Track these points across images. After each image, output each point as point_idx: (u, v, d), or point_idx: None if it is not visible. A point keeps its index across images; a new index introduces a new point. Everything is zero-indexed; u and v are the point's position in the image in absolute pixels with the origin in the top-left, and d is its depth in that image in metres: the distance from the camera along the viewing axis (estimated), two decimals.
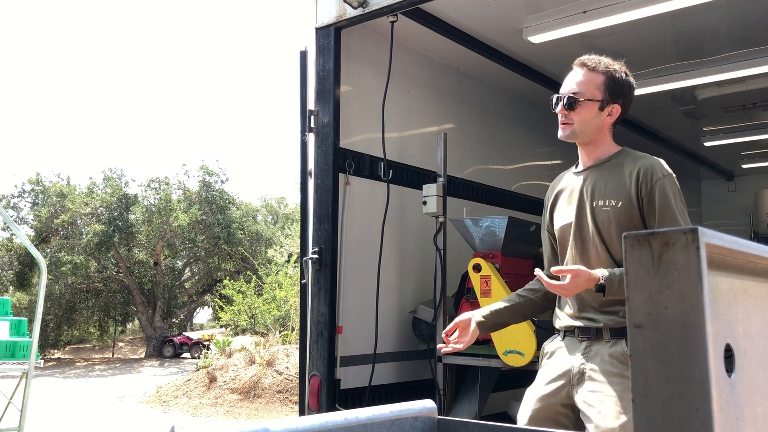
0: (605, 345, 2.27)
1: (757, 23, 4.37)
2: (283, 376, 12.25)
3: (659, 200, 2.26)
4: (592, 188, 2.36)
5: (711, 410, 0.51)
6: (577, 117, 2.36)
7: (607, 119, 2.38)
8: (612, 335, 2.27)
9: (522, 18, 4.26)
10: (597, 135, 2.39)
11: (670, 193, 2.27)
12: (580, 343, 2.33)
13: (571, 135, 2.39)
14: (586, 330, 2.31)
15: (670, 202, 2.26)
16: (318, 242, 3.77)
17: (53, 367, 22.94)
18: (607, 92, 2.36)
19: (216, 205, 25.33)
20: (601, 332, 2.28)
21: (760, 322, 0.73)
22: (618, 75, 2.38)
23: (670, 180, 2.30)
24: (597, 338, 2.29)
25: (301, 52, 4.03)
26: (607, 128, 2.41)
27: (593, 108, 2.34)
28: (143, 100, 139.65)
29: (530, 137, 5.72)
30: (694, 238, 0.53)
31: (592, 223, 2.33)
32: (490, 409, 4.23)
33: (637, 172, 2.30)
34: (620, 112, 2.39)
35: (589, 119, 2.35)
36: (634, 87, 2.43)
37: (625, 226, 2.28)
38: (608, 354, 2.24)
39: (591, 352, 2.29)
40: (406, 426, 1.19)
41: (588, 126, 2.36)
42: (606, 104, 2.35)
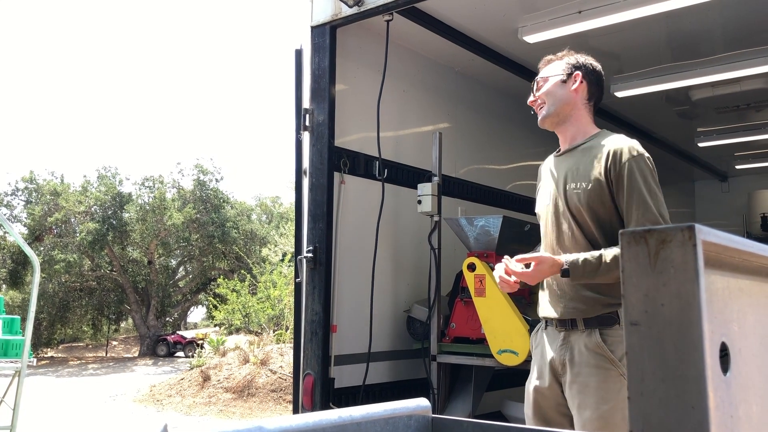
0: (581, 335, 2.30)
1: (751, 24, 4.39)
2: (277, 375, 12.24)
3: (627, 181, 2.27)
4: (566, 171, 2.42)
5: (707, 409, 0.51)
6: (544, 95, 2.47)
7: (573, 89, 2.44)
8: (586, 325, 2.29)
9: (517, 17, 4.27)
10: (569, 109, 2.45)
11: (637, 173, 2.27)
12: (558, 333, 2.37)
13: (546, 113, 2.47)
14: (562, 321, 2.36)
15: (637, 183, 2.26)
16: (313, 241, 3.77)
17: (46, 366, 22.87)
18: (567, 67, 2.47)
19: (210, 204, 25.29)
20: (575, 322, 2.32)
21: (755, 320, 0.73)
22: (573, 56, 2.50)
23: (639, 160, 2.29)
24: (573, 328, 2.32)
25: (297, 51, 4.02)
26: (580, 103, 2.46)
27: (556, 81, 2.45)
28: (138, 98, 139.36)
29: (525, 137, 5.73)
30: (691, 235, 0.53)
31: (565, 206, 2.39)
32: (483, 408, 4.24)
33: (607, 154, 2.32)
34: (586, 84, 2.46)
35: (554, 91, 2.45)
36: (595, 65, 2.51)
37: (596, 208, 2.32)
38: (584, 345, 2.28)
39: (569, 343, 2.33)
40: (400, 425, 1.19)
41: (555, 97, 2.45)
42: (568, 76, 2.45)
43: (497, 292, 3.60)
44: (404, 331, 4.29)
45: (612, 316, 2.27)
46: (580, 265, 2.24)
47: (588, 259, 2.25)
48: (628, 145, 2.32)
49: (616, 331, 2.26)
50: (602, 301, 2.29)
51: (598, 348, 2.24)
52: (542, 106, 2.47)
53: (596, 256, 2.24)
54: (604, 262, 2.22)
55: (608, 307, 2.28)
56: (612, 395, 2.20)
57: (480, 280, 3.67)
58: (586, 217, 2.33)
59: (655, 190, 2.27)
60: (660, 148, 7.16)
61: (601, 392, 2.21)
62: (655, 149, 7.07)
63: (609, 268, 2.22)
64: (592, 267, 2.24)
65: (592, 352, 2.25)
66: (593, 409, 2.21)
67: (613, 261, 2.22)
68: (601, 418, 2.19)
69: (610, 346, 2.24)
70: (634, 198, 2.25)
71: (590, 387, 2.23)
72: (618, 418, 2.18)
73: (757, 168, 8.77)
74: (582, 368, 2.26)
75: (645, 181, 2.26)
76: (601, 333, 2.26)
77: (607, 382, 2.21)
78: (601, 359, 2.23)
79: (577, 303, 2.32)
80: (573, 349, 2.30)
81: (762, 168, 8.72)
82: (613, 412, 2.19)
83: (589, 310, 2.29)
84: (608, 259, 2.22)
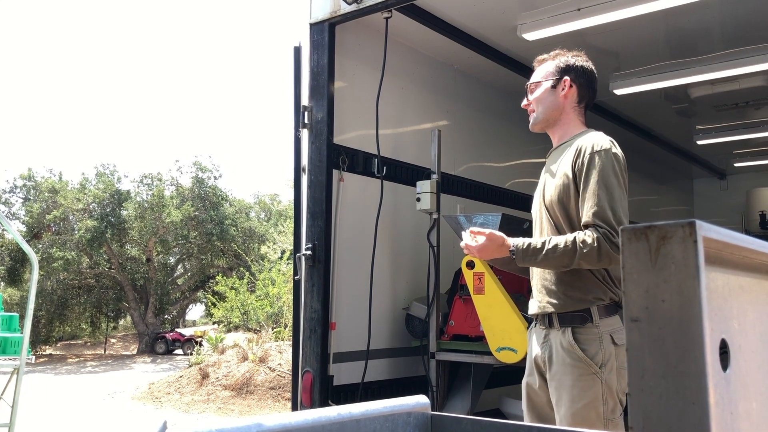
0: (558, 333, 2.33)
1: (750, 22, 4.39)
2: (276, 372, 12.25)
3: (585, 174, 2.30)
4: (548, 170, 2.48)
5: (707, 405, 0.51)
6: (534, 101, 2.50)
7: (562, 95, 2.46)
8: (561, 323, 2.32)
9: (516, 15, 4.27)
10: (557, 114, 2.48)
11: (596, 167, 2.28)
12: (541, 331, 2.41)
13: (535, 120, 2.52)
14: (542, 318, 2.40)
15: (593, 176, 2.28)
16: (311, 238, 3.77)
17: (45, 363, 22.86)
18: (556, 72, 2.48)
19: (209, 202, 25.27)
20: (552, 320, 2.35)
21: (755, 318, 0.73)
22: (565, 56, 2.51)
23: (603, 155, 2.30)
24: (551, 327, 2.36)
25: (295, 48, 4.01)
26: (568, 107, 2.48)
27: (546, 87, 2.48)
28: (136, 95, 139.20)
29: (524, 134, 5.68)
30: (692, 231, 0.53)
31: (543, 202, 2.44)
32: (482, 406, 4.24)
33: (575, 149, 2.36)
34: (576, 88, 2.47)
35: (544, 98, 2.47)
36: (586, 66, 2.51)
37: (565, 202, 2.36)
38: (560, 343, 2.31)
39: (548, 341, 2.37)
40: (399, 421, 1.19)
41: (545, 104, 2.48)
42: (557, 82, 2.46)
43: (496, 290, 3.60)
44: (403, 328, 4.30)
45: (584, 314, 2.29)
46: (522, 249, 2.30)
47: (532, 244, 2.30)
48: (595, 141, 2.34)
49: (589, 330, 2.28)
50: (574, 296, 2.31)
51: (571, 347, 2.27)
52: (533, 111, 2.52)
53: (542, 242, 2.29)
54: (547, 248, 2.26)
55: (580, 303, 2.30)
56: (584, 393, 2.23)
57: (479, 278, 3.67)
58: (557, 212, 2.37)
59: (612, 185, 2.27)
60: (659, 146, 7.16)
61: (575, 390, 2.24)
62: (653, 147, 7.09)
63: (548, 256, 2.26)
64: (534, 252, 2.29)
65: (566, 351, 2.29)
66: (567, 407, 2.25)
67: (552, 249, 2.26)
68: (575, 415, 2.22)
69: (582, 344, 2.26)
70: (588, 191, 2.28)
71: (565, 385, 2.27)
72: (592, 416, 2.20)
73: (755, 166, 8.78)
74: (558, 366, 2.30)
75: (602, 176, 2.27)
76: (573, 332, 2.29)
77: (580, 380, 2.24)
78: (574, 358, 2.26)
79: (551, 298, 2.36)
80: (552, 347, 2.34)
81: (761, 166, 8.73)
82: (587, 410, 2.21)
83: (562, 305, 2.33)
84: (550, 246, 2.26)
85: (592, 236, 2.21)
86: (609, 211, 2.24)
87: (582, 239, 2.22)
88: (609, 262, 2.25)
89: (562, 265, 2.30)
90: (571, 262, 2.25)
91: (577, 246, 2.22)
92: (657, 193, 8.96)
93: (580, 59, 2.51)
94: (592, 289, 2.31)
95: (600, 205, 2.23)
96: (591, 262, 2.24)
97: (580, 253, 2.21)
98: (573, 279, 2.32)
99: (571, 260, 2.24)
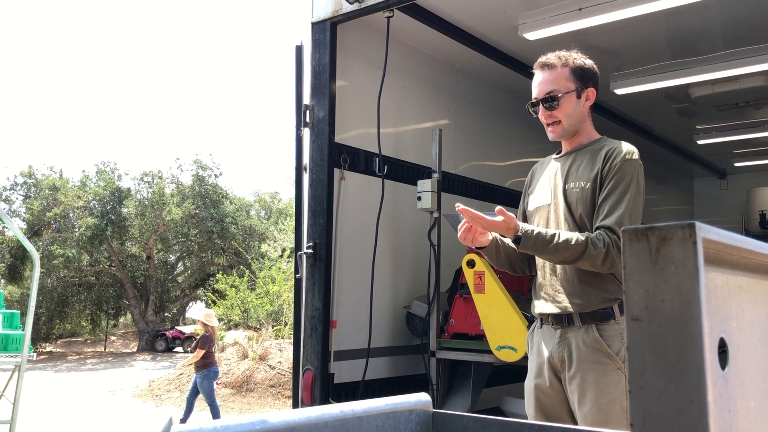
0: (578, 331, 2.33)
1: (751, 22, 4.39)
2: (276, 370, 12.26)
3: (613, 178, 2.31)
4: (568, 171, 2.46)
5: (706, 402, 0.52)
6: (560, 113, 2.44)
7: (585, 105, 2.46)
8: (583, 321, 2.32)
9: (517, 14, 4.27)
10: (581, 123, 2.48)
11: (625, 174, 2.30)
12: (555, 331, 2.40)
13: (563, 133, 2.48)
14: (558, 317, 2.38)
15: (621, 182, 2.30)
16: (313, 237, 3.78)
17: (45, 361, 22.89)
18: (578, 80, 2.44)
19: (209, 200, 25.28)
20: (572, 318, 2.34)
21: (753, 317, 0.74)
22: (579, 62, 2.47)
23: (632, 164, 2.32)
24: (569, 325, 2.35)
25: (297, 47, 4.02)
26: (587, 113, 2.50)
27: (572, 99, 2.43)
28: (137, 93, 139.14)
29: (525, 133, 5.73)
30: (692, 233, 0.54)
31: (564, 204, 2.42)
32: (482, 404, 4.25)
33: (605, 153, 2.37)
34: (594, 93, 2.47)
35: (572, 111, 2.44)
36: (595, 68, 2.51)
37: (591, 206, 2.36)
38: (582, 340, 2.31)
39: (566, 339, 2.36)
40: (401, 419, 1.20)
41: (573, 118, 2.45)
42: (581, 91, 2.44)
43: (496, 289, 3.61)
44: (403, 327, 4.31)
45: (608, 311, 2.30)
46: (532, 236, 2.29)
47: (541, 234, 2.30)
48: (628, 149, 2.37)
49: (612, 326, 2.29)
50: (598, 296, 2.32)
51: (596, 343, 2.27)
52: (557, 123, 2.45)
53: (551, 233, 2.29)
54: (556, 241, 2.27)
55: (604, 302, 2.31)
56: (610, 389, 2.24)
57: (479, 277, 3.68)
58: (582, 214, 2.37)
59: (636, 194, 2.30)
60: (659, 146, 7.17)
61: (599, 386, 2.25)
62: (654, 146, 7.09)
63: (558, 248, 2.27)
64: (542, 242, 2.28)
65: (589, 348, 2.28)
66: (593, 403, 2.24)
67: (563, 243, 2.26)
68: (600, 411, 2.23)
69: (607, 340, 2.27)
70: (613, 195, 2.30)
71: (589, 382, 2.27)
72: (617, 410, 2.22)
73: (755, 165, 8.79)
74: (580, 364, 2.29)
75: (629, 183, 2.30)
76: (597, 328, 2.29)
77: (605, 376, 2.25)
78: (598, 354, 2.27)
79: (573, 298, 2.35)
80: (570, 346, 2.33)
81: (761, 165, 8.74)
82: (612, 405, 2.22)
83: (585, 304, 2.32)
84: (560, 240, 2.27)
85: (603, 240, 2.24)
86: (627, 220, 2.27)
87: (593, 241, 2.24)
88: (610, 267, 2.27)
89: (565, 261, 2.31)
90: (575, 260, 2.27)
91: (588, 246, 2.24)
92: (657, 192, 8.97)
93: (587, 60, 2.49)
94: (614, 291, 2.32)
95: (621, 211, 2.26)
96: (594, 265, 2.26)
97: (588, 254, 2.23)
98: (596, 280, 2.32)
99: (577, 258, 2.26)
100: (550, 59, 2.48)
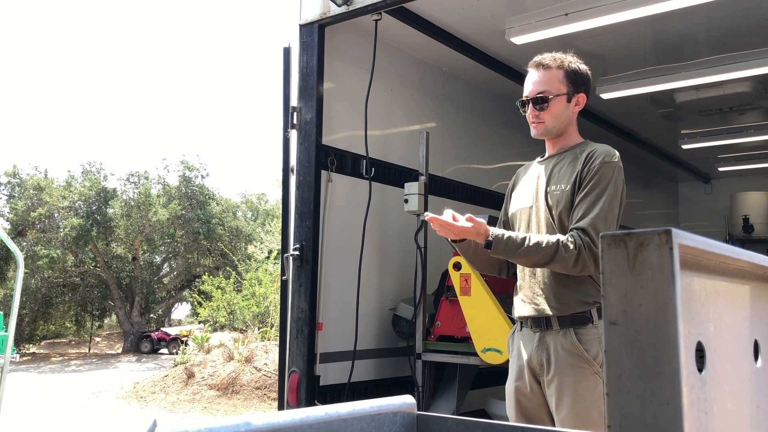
0: (556, 335, 2.33)
1: (735, 29, 4.44)
2: (262, 372, 12.22)
3: (591, 180, 2.32)
4: (550, 174, 2.47)
5: (681, 405, 0.53)
6: (548, 114, 2.45)
7: (574, 109, 2.48)
8: (561, 324, 2.32)
9: (504, 19, 4.30)
10: (567, 127, 2.49)
11: (603, 177, 2.31)
12: (534, 334, 2.40)
13: (545, 132, 2.49)
14: (537, 321, 2.38)
15: (598, 185, 2.31)
16: (299, 239, 3.78)
17: (28, 362, 22.66)
18: (570, 84, 2.45)
19: (196, 201, 25.13)
20: (550, 321, 2.35)
21: (730, 321, 0.76)
22: (574, 66, 2.48)
23: (610, 166, 2.33)
24: (548, 329, 2.35)
25: (285, 49, 4.02)
26: (575, 118, 2.51)
27: (562, 102, 2.44)
28: (124, 93, 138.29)
29: (511, 137, 5.76)
30: (668, 239, 0.55)
31: (545, 207, 2.43)
32: (468, 407, 4.27)
33: (586, 155, 2.38)
34: (584, 98, 2.49)
35: (560, 113, 2.45)
36: (589, 74, 2.51)
37: (570, 208, 2.37)
38: (560, 344, 2.31)
39: (544, 343, 2.36)
40: (385, 421, 1.20)
41: (560, 120, 2.46)
42: (572, 95, 2.45)
43: (482, 292, 3.63)
44: (390, 329, 4.31)
45: (585, 315, 2.31)
46: (503, 240, 2.29)
47: (512, 237, 2.30)
48: (607, 151, 2.38)
49: (590, 330, 2.29)
50: (576, 299, 2.32)
51: (574, 347, 2.28)
52: (542, 123, 2.46)
53: (521, 237, 2.30)
54: (527, 244, 2.28)
55: (582, 305, 2.31)
56: (587, 393, 2.24)
57: (465, 279, 3.70)
58: (562, 216, 2.38)
59: (612, 199, 2.30)
60: (644, 150, 7.22)
61: (577, 390, 2.25)
62: (639, 151, 7.15)
63: (529, 252, 2.27)
64: (513, 246, 2.29)
65: (567, 352, 2.29)
66: (570, 408, 2.25)
67: (534, 246, 2.27)
68: (577, 415, 2.23)
69: (585, 344, 2.28)
70: (589, 197, 2.30)
71: (566, 386, 2.27)
72: (594, 415, 2.22)
73: (739, 170, 8.88)
74: (558, 368, 2.30)
75: (606, 186, 2.30)
76: (575, 332, 2.30)
77: (582, 380, 2.25)
78: (576, 358, 2.27)
79: (551, 301, 2.35)
80: (549, 349, 2.34)
81: (744, 170, 8.83)
82: (589, 410, 2.23)
83: (563, 308, 2.33)
84: (531, 243, 2.28)
85: (575, 242, 2.24)
86: (602, 222, 2.27)
87: (565, 243, 2.24)
88: (581, 270, 2.27)
89: (537, 264, 2.32)
90: (547, 262, 2.28)
91: (559, 248, 2.24)
92: (642, 196, 9.04)
93: (582, 65, 2.50)
94: (592, 294, 2.32)
95: (595, 213, 2.26)
96: (565, 267, 2.27)
97: (560, 256, 2.24)
98: (574, 283, 2.32)
99: (549, 261, 2.27)
100: (545, 59, 2.48)
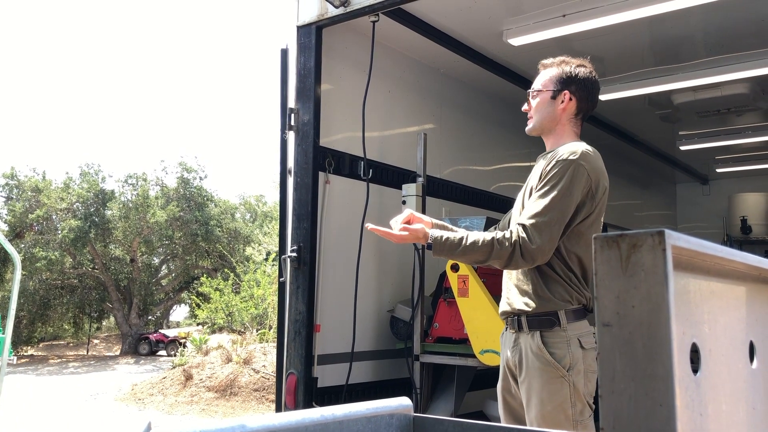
0: (527, 337, 2.35)
1: (733, 30, 4.45)
2: (260, 374, 12.21)
3: (545, 177, 2.34)
4: (532, 173, 2.51)
5: (674, 406, 0.53)
6: (533, 109, 2.52)
7: (560, 108, 2.48)
8: (530, 326, 2.34)
9: (502, 20, 4.30)
10: (553, 124, 2.50)
11: (556, 175, 2.31)
12: (511, 335, 2.43)
13: (532, 128, 2.55)
14: (512, 321, 2.42)
15: (549, 183, 2.31)
16: (297, 240, 3.77)
17: (26, 364, 22.62)
18: (558, 82, 2.49)
19: (194, 202, 25.11)
20: (521, 323, 2.37)
21: (725, 322, 0.76)
22: (569, 66, 2.51)
23: (566, 164, 2.32)
24: (520, 330, 2.38)
25: (282, 50, 4.02)
26: (565, 119, 2.50)
27: (546, 98, 2.49)
28: (122, 95, 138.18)
29: (509, 138, 5.76)
30: (661, 240, 0.55)
31: (521, 205, 2.48)
32: (466, 408, 4.26)
33: (552, 153, 2.41)
34: (575, 101, 2.48)
35: (542, 108, 2.50)
36: (589, 78, 2.52)
37: None
38: (530, 347, 2.33)
39: (518, 345, 2.39)
40: (382, 423, 1.20)
41: (542, 114, 2.50)
42: (557, 93, 2.48)
43: (480, 293, 3.63)
44: (387, 330, 4.31)
45: (552, 318, 2.31)
46: (441, 241, 2.33)
47: (450, 238, 2.33)
48: (570, 150, 2.36)
49: (557, 333, 2.30)
50: (543, 296, 2.33)
51: (540, 351, 2.29)
52: (530, 117, 2.54)
53: (459, 237, 2.33)
54: (464, 244, 2.31)
55: (548, 304, 2.31)
56: (553, 396, 2.25)
57: (463, 281, 3.70)
58: None
59: (561, 196, 2.28)
60: (642, 151, 7.23)
61: (543, 393, 2.27)
62: (637, 152, 7.15)
63: (466, 251, 2.31)
64: (452, 246, 2.32)
65: (535, 354, 2.31)
66: (537, 410, 2.28)
67: (471, 245, 2.30)
68: (545, 418, 2.25)
69: (550, 347, 2.28)
70: (539, 192, 2.33)
71: (534, 389, 2.30)
72: (561, 418, 2.23)
73: (737, 171, 8.89)
74: (528, 370, 2.32)
75: (557, 183, 2.29)
76: (542, 335, 2.31)
77: (549, 383, 2.26)
78: (543, 362, 2.29)
79: (523, 297, 2.38)
80: (521, 351, 2.37)
81: (742, 171, 8.84)
82: (556, 413, 2.24)
83: (531, 307, 2.34)
84: (468, 242, 2.31)
85: (511, 239, 2.26)
86: (543, 219, 2.26)
87: (500, 240, 2.28)
88: (516, 267, 2.33)
89: (477, 261, 2.38)
90: (485, 259, 2.32)
91: (494, 245, 2.28)
92: (640, 197, 9.04)
93: (584, 70, 2.50)
94: (561, 295, 2.32)
95: (538, 209, 2.27)
96: (500, 263, 2.31)
97: (495, 253, 2.28)
98: (540, 279, 2.34)
99: (486, 258, 2.31)
100: (548, 59, 2.57)
